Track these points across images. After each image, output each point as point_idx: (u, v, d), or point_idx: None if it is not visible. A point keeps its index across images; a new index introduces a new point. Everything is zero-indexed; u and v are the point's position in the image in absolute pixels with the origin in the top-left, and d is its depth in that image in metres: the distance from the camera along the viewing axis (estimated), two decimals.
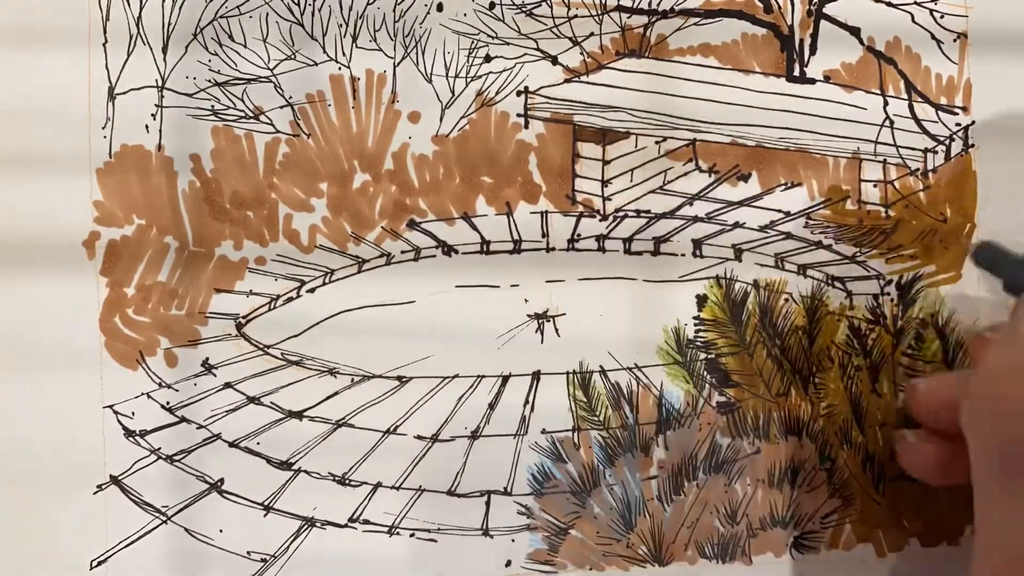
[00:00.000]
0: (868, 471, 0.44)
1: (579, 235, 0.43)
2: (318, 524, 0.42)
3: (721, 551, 0.43)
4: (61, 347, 0.41)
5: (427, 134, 0.43)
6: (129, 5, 0.42)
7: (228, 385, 0.42)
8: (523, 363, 0.43)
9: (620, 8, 0.44)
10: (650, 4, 0.44)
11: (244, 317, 0.42)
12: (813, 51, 0.45)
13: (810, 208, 0.44)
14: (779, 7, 0.44)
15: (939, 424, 0.40)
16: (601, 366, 0.43)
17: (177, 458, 0.41)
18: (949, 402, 0.38)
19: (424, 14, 0.43)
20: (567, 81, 0.44)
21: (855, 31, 0.45)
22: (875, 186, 0.44)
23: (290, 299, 0.42)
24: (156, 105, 0.42)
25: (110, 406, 0.41)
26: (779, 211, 0.44)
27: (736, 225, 0.44)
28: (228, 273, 0.42)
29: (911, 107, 0.45)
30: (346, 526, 0.42)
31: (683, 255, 0.44)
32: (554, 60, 0.44)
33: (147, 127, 0.42)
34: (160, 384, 0.41)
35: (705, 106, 0.44)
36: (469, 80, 0.43)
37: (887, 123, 0.45)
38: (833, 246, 0.44)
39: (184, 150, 0.42)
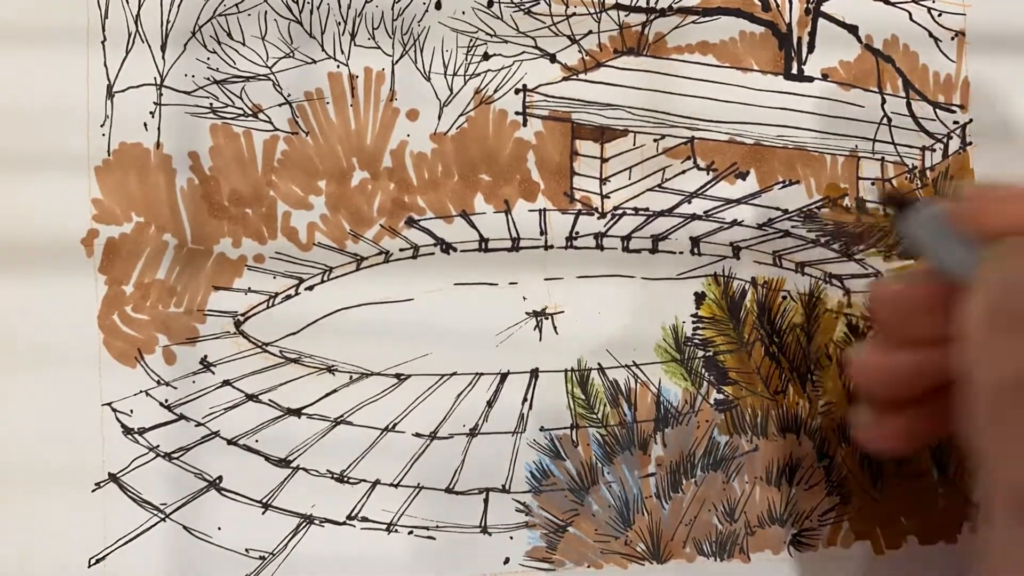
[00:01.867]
0: (866, 469, 0.44)
1: (577, 233, 0.43)
2: (316, 522, 0.42)
3: (719, 548, 0.43)
4: (59, 345, 0.41)
5: (425, 132, 0.43)
6: (128, 3, 0.42)
7: (226, 383, 0.42)
8: (521, 361, 0.43)
9: (618, 6, 0.44)
10: (648, 2, 0.44)
11: (243, 315, 0.42)
12: (811, 49, 0.45)
13: (808, 206, 0.44)
14: (777, 5, 0.44)
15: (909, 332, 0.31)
16: (599, 364, 0.43)
17: (175, 456, 0.41)
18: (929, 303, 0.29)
19: (422, 12, 0.43)
20: (565, 79, 0.44)
21: (853, 29, 0.45)
22: (873, 184, 0.44)
23: (288, 297, 0.42)
24: (155, 103, 0.42)
25: (108, 404, 0.41)
26: (777, 208, 0.44)
27: (734, 223, 0.44)
28: (227, 271, 0.42)
29: (909, 105, 0.45)
30: (344, 524, 0.42)
31: (681, 253, 0.44)
32: (552, 58, 0.44)
33: (146, 125, 0.42)
34: (159, 382, 0.41)
35: (703, 104, 0.44)
36: (467, 78, 0.43)
37: (885, 121, 0.45)
38: (831, 244, 0.44)
39: (183, 148, 0.42)
